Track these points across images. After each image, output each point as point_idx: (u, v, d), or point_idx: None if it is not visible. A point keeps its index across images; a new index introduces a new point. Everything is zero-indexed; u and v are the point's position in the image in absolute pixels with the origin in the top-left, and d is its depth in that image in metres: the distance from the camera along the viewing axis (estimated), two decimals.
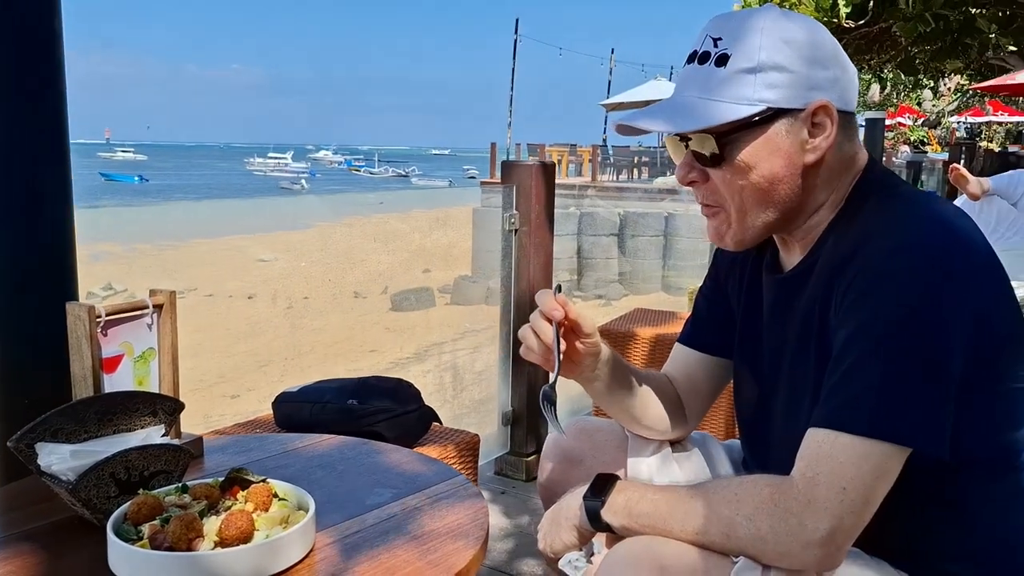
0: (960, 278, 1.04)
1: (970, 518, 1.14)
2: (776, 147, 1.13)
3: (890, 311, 1.03)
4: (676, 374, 1.49)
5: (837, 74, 1.15)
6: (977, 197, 4.09)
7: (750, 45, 1.12)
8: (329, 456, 1.52)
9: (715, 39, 1.15)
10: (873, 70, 11.39)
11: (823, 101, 1.13)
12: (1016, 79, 13.56)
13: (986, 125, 20.89)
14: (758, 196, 1.16)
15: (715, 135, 1.13)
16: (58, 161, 1.62)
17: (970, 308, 1.04)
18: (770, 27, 1.13)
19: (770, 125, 1.13)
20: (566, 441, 1.50)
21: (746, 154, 1.13)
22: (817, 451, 1.04)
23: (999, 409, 1.12)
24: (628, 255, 15.32)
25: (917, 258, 1.04)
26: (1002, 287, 1.10)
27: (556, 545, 1.25)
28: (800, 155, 1.14)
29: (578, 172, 25.29)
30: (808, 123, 1.13)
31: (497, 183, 3.44)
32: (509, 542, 2.58)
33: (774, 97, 1.12)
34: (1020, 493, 1.16)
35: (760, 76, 1.11)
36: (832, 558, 1.04)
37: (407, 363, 9.24)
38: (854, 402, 1.03)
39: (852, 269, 1.07)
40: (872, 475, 1.02)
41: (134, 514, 1.11)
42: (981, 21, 7.75)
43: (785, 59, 1.11)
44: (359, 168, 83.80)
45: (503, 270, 3.17)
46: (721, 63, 1.13)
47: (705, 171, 1.18)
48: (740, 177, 1.15)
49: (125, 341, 1.44)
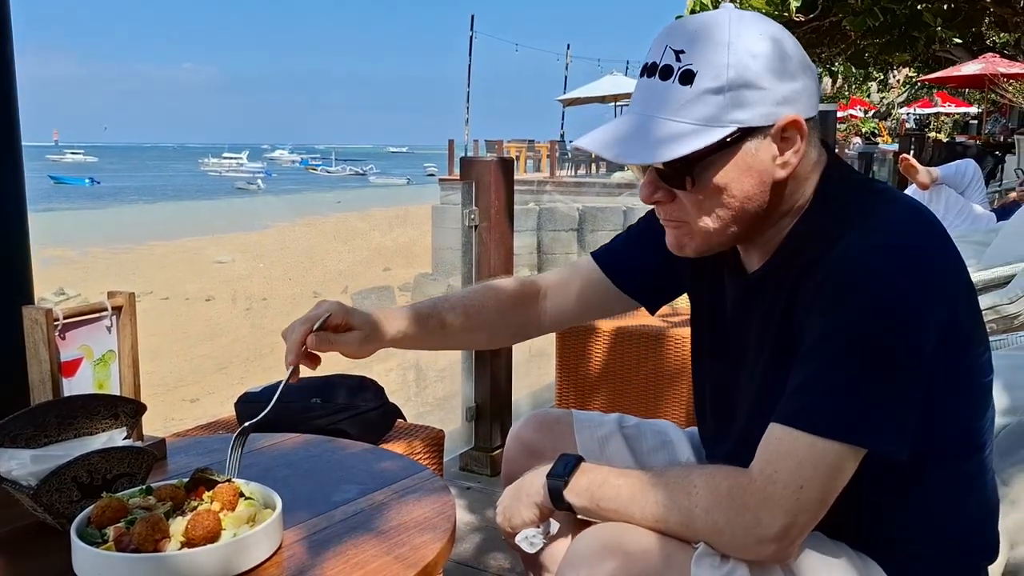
0: (930, 278, 1.04)
1: (929, 502, 1.16)
2: (747, 167, 1.09)
3: (860, 312, 1.02)
4: (564, 286, 1.52)
5: (805, 83, 1.10)
6: (926, 186, 4.19)
7: (717, 62, 1.06)
8: (294, 454, 1.52)
9: (676, 52, 1.08)
10: (824, 63, 11.56)
11: (792, 116, 1.08)
12: (961, 71, 13.89)
13: (934, 116, 21.32)
14: (728, 215, 1.12)
15: (684, 159, 1.08)
16: (10, 163, 1.60)
17: (939, 307, 1.04)
18: (736, 41, 1.07)
19: (740, 146, 1.08)
20: (528, 434, 1.52)
21: (717, 177, 1.09)
22: (777, 448, 1.05)
23: (964, 402, 1.14)
24: (587, 249, 15.33)
25: (887, 258, 1.04)
26: (967, 283, 1.12)
27: (515, 520, 1.26)
28: (771, 171, 1.10)
29: (536, 168, 25.34)
30: (777, 139, 1.09)
31: (456, 180, 3.44)
32: (476, 537, 2.59)
33: (744, 117, 1.07)
34: (976, 475, 1.19)
35: (729, 95, 1.06)
36: (785, 552, 1.07)
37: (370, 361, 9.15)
38: (817, 402, 1.04)
39: (820, 270, 1.07)
40: (829, 475, 1.03)
41: (98, 517, 1.10)
42: (927, 15, 7.92)
43: (754, 76, 1.06)
44: (316, 167, 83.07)
45: (464, 266, 3.17)
46: (686, 81, 1.07)
47: (671, 191, 1.13)
48: (710, 199, 1.11)
49: (84, 344, 1.42)
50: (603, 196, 17.15)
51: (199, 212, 33.70)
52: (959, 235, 3.77)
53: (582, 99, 27.24)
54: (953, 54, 13.81)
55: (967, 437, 1.16)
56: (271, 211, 31.55)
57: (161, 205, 40.26)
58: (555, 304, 1.52)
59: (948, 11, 8.15)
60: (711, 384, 1.35)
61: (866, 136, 21.05)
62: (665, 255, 1.31)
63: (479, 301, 1.50)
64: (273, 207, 35.61)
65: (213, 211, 34.20)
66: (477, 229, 3.11)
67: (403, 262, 16.23)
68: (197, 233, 23.83)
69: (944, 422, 1.12)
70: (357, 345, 1.35)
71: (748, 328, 1.23)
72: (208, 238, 22.71)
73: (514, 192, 3.21)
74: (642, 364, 3.12)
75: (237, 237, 22.96)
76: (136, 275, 16.60)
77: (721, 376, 1.31)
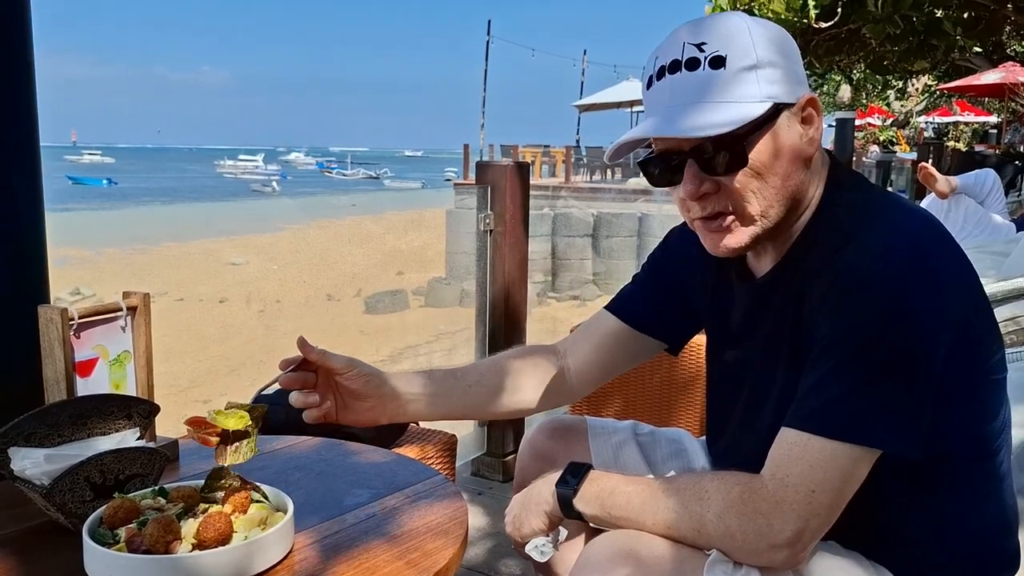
0: (939, 280, 1.05)
1: (944, 508, 1.16)
2: (783, 143, 1.12)
3: (873, 316, 1.03)
4: (583, 342, 1.50)
5: (804, 70, 1.18)
6: (945, 195, 4.16)
7: (743, 44, 1.11)
8: (307, 457, 1.51)
9: (697, 44, 1.12)
10: (843, 71, 11.53)
11: (810, 94, 1.15)
12: (981, 80, 13.81)
13: (953, 125, 21.18)
14: (773, 194, 1.13)
15: (732, 138, 1.09)
16: (29, 163, 1.60)
17: (949, 309, 1.05)
18: (752, 27, 1.13)
19: (775, 121, 1.11)
20: (541, 440, 1.52)
21: (761, 153, 1.11)
22: (788, 452, 1.05)
23: (976, 404, 1.14)
24: (602, 255, 15.37)
25: (897, 261, 1.04)
26: (975, 284, 1.11)
27: (524, 529, 1.26)
28: (802, 148, 1.14)
29: (552, 173, 25.33)
30: (799, 116, 1.14)
31: (471, 184, 3.45)
32: (487, 542, 2.58)
33: (777, 92, 1.11)
34: (993, 481, 1.18)
35: (761, 72, 1.10)
36: (797, 557, 1.07)
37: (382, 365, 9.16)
38: (830, 406, 1.04)
39: (828, 274, 1.08)
40: (841, 478, 1.04)
41: (110, 518, 1.10)
42: (946, 23, 7.88)
43: (775, 55, 1.12)
44: (331, 170, 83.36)
45: (478, 271, 3.17)
46: (717, 65, 1.10)
47: (717, 181, 1.13)
48: (757, 179, 1.12)
49: (99, 344, 1.42)
50: (618, 202, 17.13)
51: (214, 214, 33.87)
52: (978, 245, 3.73)
53: (598, 105, 27.24)
54: (973, 63, 13.73)
55: (979, 441, 1.16)
56: (286, 213, 31.68)
57: (177, 206, 40.50)
58: (577, 362, 1.50)
59: (968, 19, 8.10)
60: (725, 392, 1.34)
61: (884, 145, 20.94)
62: (673, 287, 1.34)
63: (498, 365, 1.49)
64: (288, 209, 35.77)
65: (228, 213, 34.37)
66: (492, 234, 3.10)
67: (417, 266, 16.25)
68: (212, 234, 23.94)
69: (955, 424, 1.12)
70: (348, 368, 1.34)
71: (760, 334, 1.23)
72: (223, 239, 22.82)
73: (529, 197, 3.21)
74: (656, 372, 3.11)
75: (252, 239, 23.06)
76: (151, 275, 16.69)
77: (735, 383, 1.30)
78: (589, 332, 1.50)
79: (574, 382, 1.50)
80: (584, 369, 1.49)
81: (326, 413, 1.32)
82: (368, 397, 1.34)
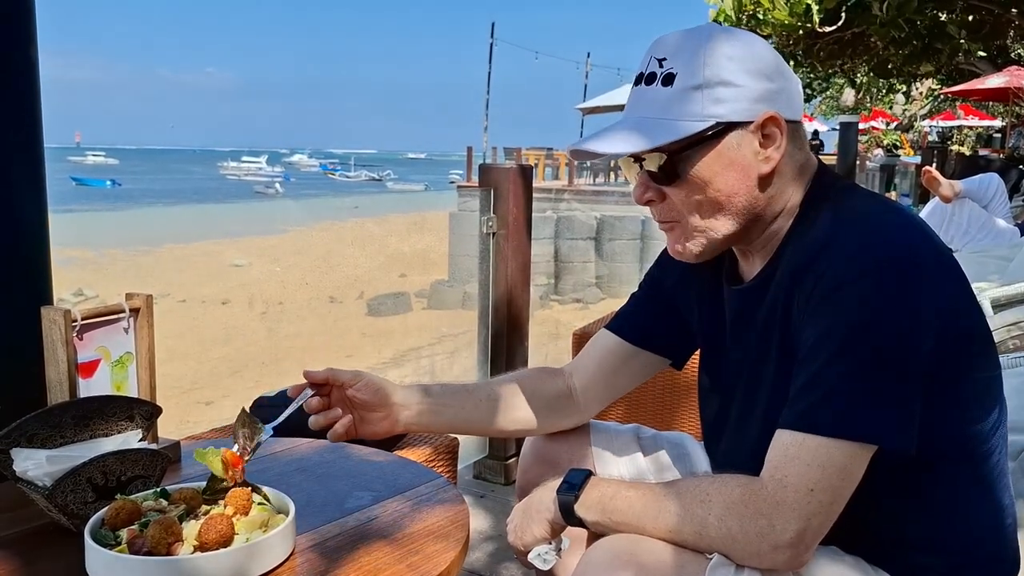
0: (923, 277, 1.06)
1: (937, 509, 1.16)
2: (730, 160, 1.15)
3: (855, 313, 1.05)
4: (586, 361, 1.52)
5: (782, 85, 1.17)
6: (949, 199, 4.15)
7: (694, 63, 1.14)
8: (308, 460, 1.51)
9: (659, 60, 1.17)
10: (846, 74, 11.53)
11: (771, 112, 1.15)
12: (985, 84, 13.78)
13: (957, 129, 21.13)
14: (715, 209, 1.18)
15: (668, 153, 1.15)
16: (32, 165, 1.60)
17: (934, 306, 1.06)
18: (713, 45, 1.15)
19: (721, 139, 1.15)
20: (544, 443, 1.52)
21: (700, 169, 1.15)
22: (784, 453, 1.06)
23: (964, 402, 1.14)
24: (605, 258, 15.39)
25: (880, 259, 1.06)
26: (961, 282, 1.12)
27: (526, 537, 1.26)
28: (754, 166, 1.16)
29: (555, 176, 25.36)
30: (758, 135, 1.15)
31: (474, 186, 3.44)
32: (489, 545, 2.58)
33: (722, 112, 1.14)
34: (985, 483, 1.18)
35: (707, 92, 1.13)
36: (800, 557, 1.07)
37: (385, 368, 9.21)
38: (820, 404, 1.05)
39: (814, 273, 1.09)
40: (839, 476, 1.05)
41: (112, 519, 1.10)
42: (951, 26, 7.88)
43: (730, 74, 1.14)
44: (334, 172, 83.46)
45: (481, 273, 3.17)
46: (667, 82, 1.15)
47: (661, 189, 1.19)
48: (696, 192, 1.17)
49: (101, 346, 1.42)
50: (621, 205, 17.14)
51: (217, 215, 33.93)
52: (982, 249, 3.73)
53: (601, 108, 27.22)
54: (977, 67, 13.71)
55: (969, 442, 1.16)
56: (289, 215, 31.72)
57: (180, 208, 40.56)
58: (583, 382, 1.51)
59: (972, 23, 8.10)
60: (719, 396, 1.34)
61: (888, 148, 20.92)
62: (671, 301, 1.35)
63: (508, 383, 1.51)
64: (291, 211, 35.81)
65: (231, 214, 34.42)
66: (495, 236, 3.10)
67: (420, 268, 16.27)
68: (215, 236, 23.98)
69: (942, 425, 1.12)
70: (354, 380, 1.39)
71: (750, 337, 1.23)
72: (226, 241, 22.86)
73: (532, 199, 3.21)
74: (658, 376, 3.08)
75: (254, 241, 23.10)
76: (154, 277, 16.72)
77: (729, 387, 1.30)
78: (592, 353, 1.52)
79: (582, 402, 1.52)
80: (591, 389, 1.51)
81: (347, 429, 1.38)
82: (379, 407, 1.40)
